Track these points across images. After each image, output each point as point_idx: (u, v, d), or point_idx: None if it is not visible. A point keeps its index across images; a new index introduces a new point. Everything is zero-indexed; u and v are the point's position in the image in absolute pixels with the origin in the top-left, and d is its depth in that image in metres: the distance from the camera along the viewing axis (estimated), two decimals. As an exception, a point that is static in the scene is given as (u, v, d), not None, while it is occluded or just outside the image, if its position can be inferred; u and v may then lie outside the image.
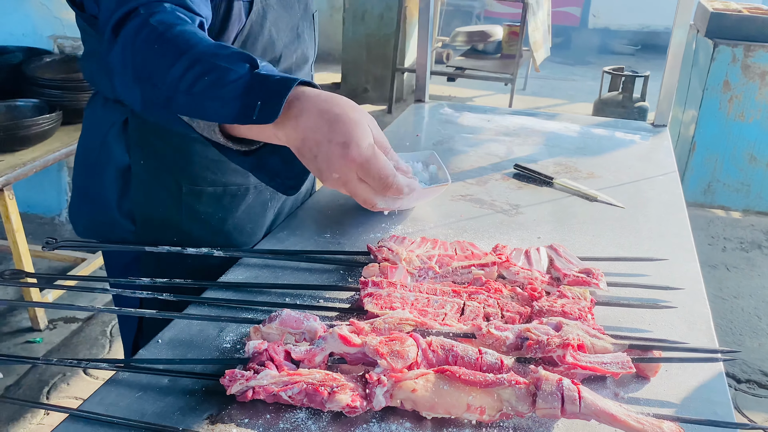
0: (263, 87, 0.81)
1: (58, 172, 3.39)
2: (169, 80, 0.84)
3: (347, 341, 0.93)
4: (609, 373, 0.91)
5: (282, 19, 1.20)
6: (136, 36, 0.88)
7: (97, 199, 1.24)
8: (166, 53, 0.85)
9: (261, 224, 1.33)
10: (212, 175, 1.22)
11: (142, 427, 0.84)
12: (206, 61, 0.84)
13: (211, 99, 0.82)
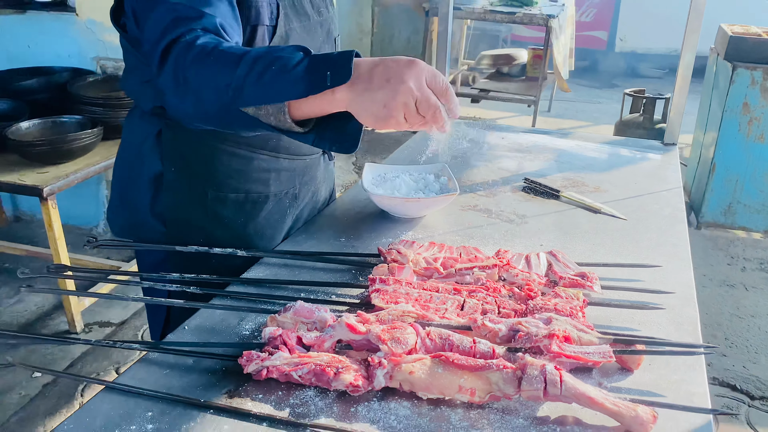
0: (325, 61, 0.96)
1: (97, 185, 3.57)
2: (235, 80, 0.97)
3: (353, 329, 1.03)
4: (590, 361, 0.98)
5: (304, 42, 1.31)
6: (185, 56, 1.01)
7: (132, 203, 1.36)
8: (224, 62, 0.98)
9: (280, 230, 1.44)
10: (235, 183, 1.33)
11: (168, 398, 0.94)
12: (265, 57, 0.97)
13: (282, 83, 0.96)
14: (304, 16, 1.31)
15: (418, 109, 0.97)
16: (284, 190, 1.41)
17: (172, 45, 1.03)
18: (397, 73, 0.96)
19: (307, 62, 0.96)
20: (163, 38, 1.04)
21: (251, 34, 1.21)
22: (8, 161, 2.67)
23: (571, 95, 6.92)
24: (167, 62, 1.03)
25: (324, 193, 1.59)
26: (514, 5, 5.09)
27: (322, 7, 1.39)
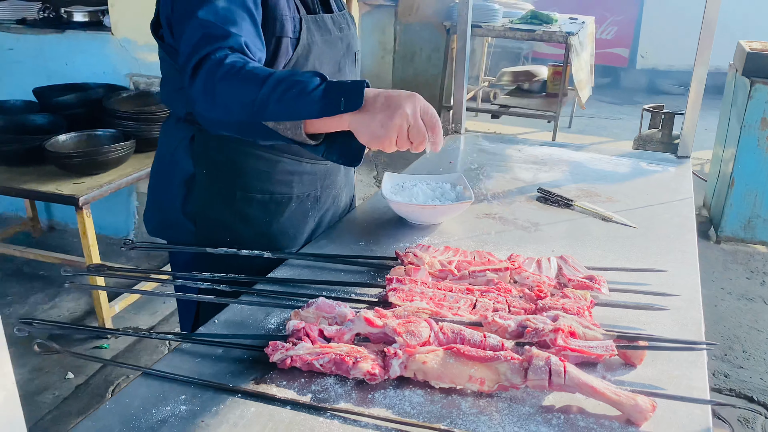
0: (340, 88, 1.10)
1: (128, 196, 3.70)
2: (261, 96, 1.09)
3: (371, 323, 1.10)
4: (593, 354, 1.04)
5: (325, 54, 1.41)
6: (215, 73, 1.12)
7: (166, 203, 1.47)
8: (250, 81, 1.11)
9: (302, 230, 1.52)
10: (261, 184, 1.43)
11: (199, 383, 1.02)
12: (287, 80, 1.10)
13: (301, 103, 1.09)
14: (326, 31, 1.41)
15: (408, 135, 1.11)
16: (306, 192, 1.49)
17: (203, 61, 1.15)
18: (397, 101, 1.10)
19: (324, 87, 1.10)
20: (195, 54, 1.16)
21: (276, 45, 1.31)
22: (46, 172, 2.80)
23: (592, 111, 6.95)
24: (198, 76, 1.14)
25: (345, 199, 1.67)
26: (534, 23, 5.17)
27: (344, 24, 1.49)
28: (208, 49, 1.15)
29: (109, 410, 0.97)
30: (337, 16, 1.48)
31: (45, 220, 4.05)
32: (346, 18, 1.52)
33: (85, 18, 3.63)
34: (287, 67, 1.33)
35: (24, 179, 2.75)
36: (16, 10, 3.81)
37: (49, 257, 3.35)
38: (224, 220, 1.43)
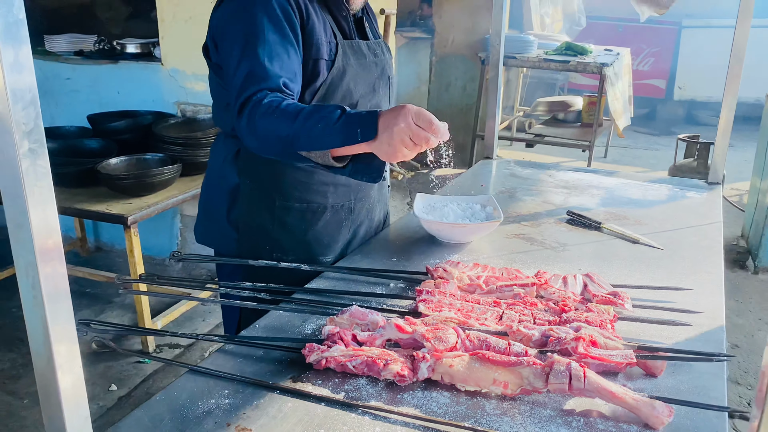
0: (357, 121, 1.25)
1: (173, 218, 3.86)
2: (293, 131, 1.27)
3: (401, 329, 1.17)
4: (613, 362, 1.09)
5: (360, 76, 1.53)
6: (255, 112, 1.30)
7: (213, 211, 1.60)
8: (284, 118, 1.28)
9: (336, 239, 1.62)
10: (299, 194, 1.54)
11: (241, 380, 1.10)
12: (314, 116, 1.27)
13: (325, 136, 1.26)
14: (361, 55, 1.54)
15: (413, 140, 1.23)
16: (340, 202, 1.60)
17: (246, 102, 1.33)
18: (392, 120, 1.23)
19: (343, 120, 1.25)
20: (241, 95, 1.34)
21: (313, 66, 1.45)
22: (98, 193, 2.96)
23: (628, 142, 6.94)
24: (242, 115, 1.33)
25: (378, 213, 1.76)
26: (568, 54, 5.24)
27: (378, 51, 1.61)
28: (252, 90, 1.33)
29: (159, 401, 1.06)
30: (373, 43, 1.61)
31: (92, 241, 4.23)
32: (381, 45, 1.64)
33: (137, 50, 3.85)
34: (324, 85, 1.46)
35: (77, 199, 2.91)
36: (74, 42, 4.05)
37: (96, 275, 3.50)
38: (264, 227, 1.55)
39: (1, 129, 0.70)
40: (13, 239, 0.77)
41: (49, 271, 0.78)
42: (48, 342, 0.78)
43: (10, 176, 0.72)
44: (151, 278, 1.50)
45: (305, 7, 1.44)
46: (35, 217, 0.74)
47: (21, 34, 0.69)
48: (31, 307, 0.79)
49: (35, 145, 0.73)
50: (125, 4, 5.27)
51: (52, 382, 0.81)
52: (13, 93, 0.70)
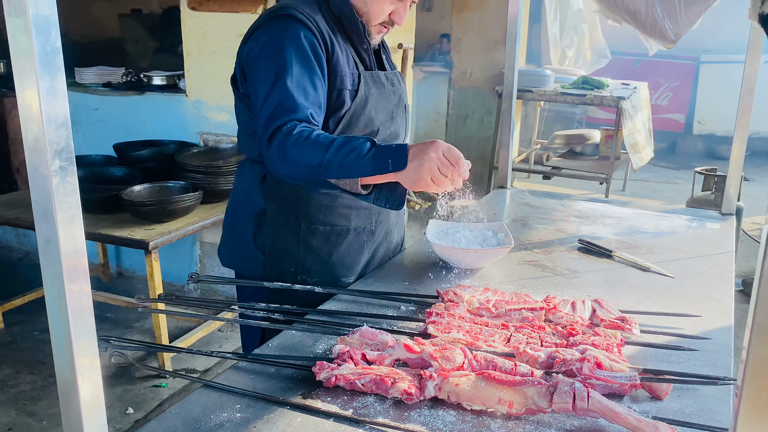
0: (387, 151, 1.35)
1: (192, 245, 3.93)
2: (325, 160, 1.35)
3: (410, 349, 1.20)
4: (617, 383, 1.11)
5: (380, 104, 1.60)
6: (286, 141, 1.37)
7: (239, 235, 1.65)
8: (316, 147, 1.36)
9: (358, 261, 1.67)
10: (323, 217, 1.60)
11: (253, 395, 1.14)
12: (345, 146, 1.35)
13: (357, 166, 1.35)
14: (380, 85, 1.62)
15: (441, 172, 1.33)
16: (362, 225, 1.65)
17: (277, 132, 1.39)
18: (423, 150, 1.34)
19: (374, 151, 1.34)
20: (270, 124, 1.41)
21: (337, 96, 1.52)
22: (121, 219, 3.04)
23: (647, 175, 6.93)
24: (272, 144, 1.40)
25: (396, 236, 1.81)
26: (585, 88, 5.29)
27: (395, 80, 1.69)
28: (282, 120, 1.40)
29: (173, 414, 1.09)
30: (390, 73, 1.69)
31: (114, 266, 4.31)
32: (397, 76, 1.72)
33: (163, 82, 3.98)
34: (348, 114, 1.54)
35: (101, 225, 2.99)
36: (102, 75, 4.21)
37: (117, 300, 3.57)
38: (290, 250, 1.60)
39: (36, 147, 0.76)
40: (41, 252, 0.82)
41: (74, 286, 0.83)
42: (70, 349, 0.82)
43: (42, 191, 0.78)
44: (170, 298, 1.55)
45: (330, 40, 1.52)
46: (63, 231, 0.80)
47: (57, 61, 0.76)
48: (56, 315, 0.83)
49: (65, 163, 0.78)
50: (153, 39, 5.46)
51: (73, 390, 0.85)
52: (47, 115, 0.76)
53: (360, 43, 1.59)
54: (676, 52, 8.16)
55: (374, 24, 1.58)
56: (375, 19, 1.57)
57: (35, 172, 0.78)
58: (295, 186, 1.56)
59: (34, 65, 0.74)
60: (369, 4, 1.55)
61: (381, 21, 1.58)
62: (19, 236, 4.58)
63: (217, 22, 3.54)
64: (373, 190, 1.43)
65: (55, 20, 0.75)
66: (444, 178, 1.33)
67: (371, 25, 1.58)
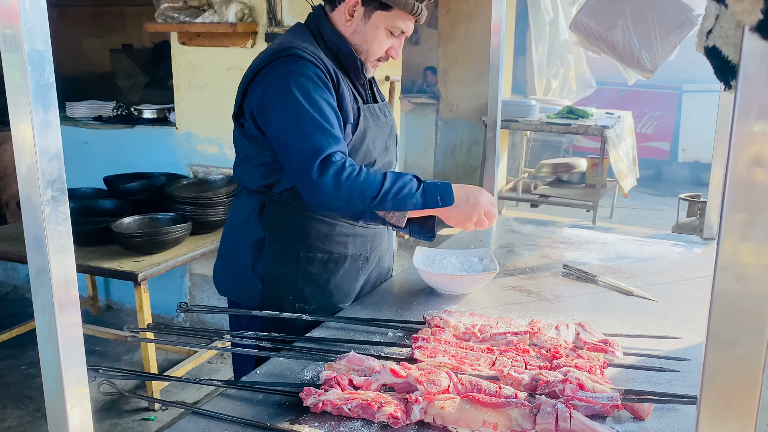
0: (434, 188, 1.52)
1: (181, 277, 3.93)
2: (381, 194, 1.47)
3: (396, 373, 1.22)
4: (599, 404, 1.13)
5: (377, 136, 1.66)
6: (341, 174, 1.45)
7: (238, 264, 1.67)
8: (371, 181, 1.47)
9: (354, 287, 1.71)
10: (321, 245, 1.62)
11: (241, 422, 1.15)
12: (398, 182, 1.49)
13: (410, 200, 1.50)
14: (376, 116, 1.68)
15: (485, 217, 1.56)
16: (359, 252, 1.69)
17: (327, 163, 1.45)
18: (476, 195, 1.58)
19: (423, 188, 1.51)
20: (316, 157, 1.45)
21: (341, 130, 1.55)
22: (111, 251, 3.05)
23: (634, 202, 7.02)
24: (327, 174, 1.45)
25: (387, 261, 1.85)
26: (570, 117, 5.39)
27: (386, 111, 1.75)
28: (328, 151, 1.46)
29: (161, 441, 1.10)
30: (382, 105, 1.75)
31: (103, 299, 4.30)
32: (387, 107, 1.78)
33: (153, 115, 4.02)
34: (350, 146, 1.59)
35: (91, 257, 3.00)
36: (93, 109, 4.25)
37: (106, 333, 3.55)
38: (289, 278, 1.63)
39: (29, 177, 0.79)
40: (33, 279, 0.84)
41: (65, 314, 0.85)
42: (60, 374, 0.84)
43: (34, 220, 0.80)
44: (159, 327, 1.56)
45: (336, 76, 1.57)
46: (54, 258, 0.82)
47: (50, 95, 0.79)
48: (46, 343, 0.85)
49: (57, 193, 0.81)
50: (143, 73, 5.53)
51: (62, 417, 0.87)
52: (40, 147, 0.79)
53: (357, 78, 1.65)
54: (659, 82, 8.35)
55: (372, 59, 1.64)
56: (374, 55, 1.63)
57: (28, 201, 0.80)
58: (293, 215, 1.59)
59: (29, 99, 0.77)
60: (369, 42, 1.61)
61: (379, 56, 1.64)
62: (6, 270, 4.56)
63: (207, 57, 3.60)
64: (408, 223, 1.57)
65: (50, 56, 0.78)
66: (485, 221, 1.55)
67: (369, 61, 1.64)
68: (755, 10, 0.44)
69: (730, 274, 0.51)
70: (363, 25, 1.60)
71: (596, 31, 3.16)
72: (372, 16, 1.59)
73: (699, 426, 0.52)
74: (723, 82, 0.64)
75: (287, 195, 1.61)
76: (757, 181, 0.49)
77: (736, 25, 0.49)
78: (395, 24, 1.59)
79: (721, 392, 0.50)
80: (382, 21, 1.59)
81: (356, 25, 1.61)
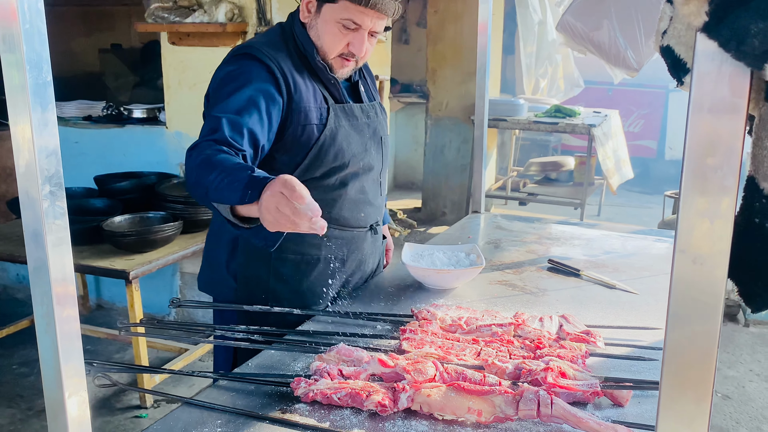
0: (252, 183, 1.25)
1: (172, 276, 3.95)
2: (206, 183, 1.31)
3: (384, 363, 1.25)
4: (579, 390, 1.17)
5: (352, 137, 1.65)
6: (195, 160, 1.37)
7: (214, 262, 1.69)
8: (207, 169, 1.33)
9: (329, 289, 1.70)
10: (294, 246, 1.63)
11: (233, 411, 1.18)
12: (227, 172, 1.30)
13: (228, 191, 1.28)
14: (353, 117, 1.66)
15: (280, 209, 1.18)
16: (333, 255, 1.68)
17: (194, 149, 1.40)
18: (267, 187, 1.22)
19: (246, 180, 1.26)
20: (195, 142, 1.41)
21: (302, 131, 1.56)
22: (102, 250, 3.07)
23: (621, 200, 7.09)
24: (187, 163, 1.40)
25: (371, 264, 1.85)
26: (557, 116, 5.45)
27: (371, 113, 1.73)
28: (200, 140, 1.41)
29: (155, 430, 1.13)
30: (366, 106, 1.72)
31: (94, 299, 4.31)
32: (376, 108, 1.76)
33: (143, 114, 4.04)
34: (316, 146, 1.58)
35: (82, 256, 3.01)
36: (82, 108, 4.26)
37: (97, 332, 3.57)
38: (261, 277, 1.64)
39: (28, 173, 0.82)
40: (32, 272, 0.87)
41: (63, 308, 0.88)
42: (57, 361, 0.87)
43: (33, 214, 0.83)
44: (151, 322, 1.59)
45: (292, 78, 1.56)
46: (52, 252, 0.85)
47: (48, 94, 0.82)
48: (44, 333, 0.88)
49: (55, 188, 0.84)
50: (133, 73, 5.54)
51: (60, 406, 0.90)
52: (39, 144, 0.82)
53: (326, 78, 1.62)
54: (646, 81, 8.44)
55: (332, 57, 1.59)
56: (331, 51, 1.58)
57: (26, 196, 0.83)
58: None
59: (27, 98, 0.80)
60: (321, 37, 1.58)
61: (338, 53, 1.59)
62: (-4, 270, 4.57)
63: (197, 56, 3.62)
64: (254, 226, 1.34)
65: (47, 56, 0.81)
66: (287, 216, 1.17)
67: (329, 59, 1.60)
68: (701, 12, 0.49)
69: (687, 256, 0.55)
70: (316, 20, 1.58)
71: (582, 31, 3.22)
72: (322, 9, 1.56)
73: (660, 398, 0.56)
74: (676, 78, 0.68)
75: None
76: (710, 169, 0.53)
77: (687, 26, 0.53)
78: (345, 16, 1.53)
79: (679, 367, 0.54)
80: (331, 14, 1.54)
81: (311, 20, 1.59)
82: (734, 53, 0.51)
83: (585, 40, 3.16)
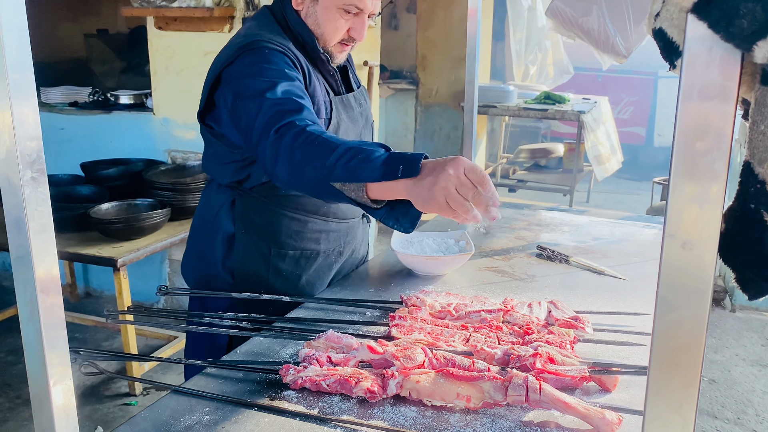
0: (400, 158, 1.18)
1: (161, 263, 3.93)
2: (329, 161, 1.21)
3: (373, 350, 1.25)
4: (568, 376, 1.17)
5: (350, 128, 1.63)
6: (297, 139, 1.26)
7: (207, 259, 1.65)
8: (325, 147, 1.23)
9: (326, 281, 1.71)
10: (293, 242, 1.62)
11: (221, 398, 1.18)
12: (355, 148, 1.21)
13: (364, 168, 1.18)
14: (350, 108, 1.64)
15: (459, 193, 1.11)
16: (332, 248, 1.68)
17: (286, 128, 1.29)
18: (441, 165, 1.14)
19: (386, 156, 1.19)
20: (274, 125, 1.30)
21: None
22: (89, 237, 3.04)
23: (611, 187, 7.12)
24: (282, 142, 1.27)
25: (362, 251, 1.85)
26: (547, 103, 5.44)
27: (362, 100, 1.72)
28: (288, 119, 1.29)
29: (143, 418, 1.13)
30: (357, 93, 1.71)
31: (82, 287, 4.28)
32: (363, 94, 1.75)
33: (130, 100, 3.99)
34: None
35: (69, 243, 2.99)
36: (68, 94, 4.20)
37: (86, 320, 3.55)
38: (259, 273, 1.62)
39: (9, 158, 0.80)
40: (14, 261, 0.85)
41: (47, 296, 0.86)
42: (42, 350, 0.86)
43: (15, 201, 0.81)
44: (139, 310, 1.58)
45: (307, 68, 1.51)
46: (35, 239, 0.83)
47: (28, 75, 0.80)
48: (27, 321, 0.87)
49: (37, 174, 0.83)
50: (119, 59, 5.46)
51: (45, 394, 0.89)
52: (19, 127, 0.80)
53: (325, 69, 1.59)
54: (635, 68, 8.45)
55: (332, 44, 1.55)
56: (332, 39, 1.54)
57: (7, 182, 0.82)
58: (264, 211, 1.57)
59: (6, 79, 0.78)
60: (322, 25, 1.52)
61: (339, 40, 1.55)
62: (-20, 259, 4.52)
63: (184, 41, 3.58)
64: (386, 206, 1.25)
65: (26, 32, 0.79)
66: (462, 201, 1.11)
67: (330, 46, 1.55)
68: (691, -8, 0.48)
69: (676, 241, 0.55)
70: (313, 7, 1.51)
71: (572, 17, 3.21)
72: None
73: (649, 383, 0.56)
74: (668, 62, 0.67)
75: (258, 191, 1.58)
76: (700, 154, 0.53)
77: (680, 9, 0.52)
78: (347, 1, 1.48)
79: (668, 352, 0.54)
80: (332, 0, 1.49)
81: (307, 7, 1.52)
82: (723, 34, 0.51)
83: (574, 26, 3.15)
